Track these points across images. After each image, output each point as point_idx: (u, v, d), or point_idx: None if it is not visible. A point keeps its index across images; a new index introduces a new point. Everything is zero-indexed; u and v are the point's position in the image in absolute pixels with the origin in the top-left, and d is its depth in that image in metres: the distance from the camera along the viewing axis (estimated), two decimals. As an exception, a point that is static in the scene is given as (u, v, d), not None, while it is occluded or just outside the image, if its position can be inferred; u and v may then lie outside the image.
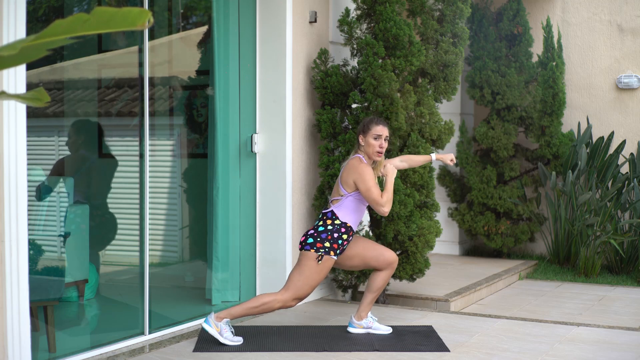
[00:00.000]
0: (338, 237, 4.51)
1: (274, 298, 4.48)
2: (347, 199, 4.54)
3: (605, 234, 7.24)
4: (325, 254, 4.48)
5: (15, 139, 3.57)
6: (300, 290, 4.49)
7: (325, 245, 4.48)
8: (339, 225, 4.51)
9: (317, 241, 4.49)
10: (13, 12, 3.50)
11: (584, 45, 8.20)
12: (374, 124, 4.59)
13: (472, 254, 8.55)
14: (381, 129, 4.58)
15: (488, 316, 5.48)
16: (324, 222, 4.53)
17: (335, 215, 4.53)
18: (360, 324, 4.80)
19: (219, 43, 5.43)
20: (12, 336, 3.56)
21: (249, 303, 4.49)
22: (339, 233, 4.51)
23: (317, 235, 4.50)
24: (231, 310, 4.50)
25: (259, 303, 4.47)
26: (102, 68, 6.19)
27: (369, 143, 4.58)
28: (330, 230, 4.50)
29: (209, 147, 5.59)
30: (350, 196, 4.53)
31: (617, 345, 4.68)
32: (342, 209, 4.54)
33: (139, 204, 4.93)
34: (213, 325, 4.44)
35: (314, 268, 4.47)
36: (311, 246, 4.48)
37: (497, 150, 7.88)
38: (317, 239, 4.49)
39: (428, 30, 5.86)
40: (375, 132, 4.56)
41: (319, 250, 4.47)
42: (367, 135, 4.58)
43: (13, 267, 3.56)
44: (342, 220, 4.52)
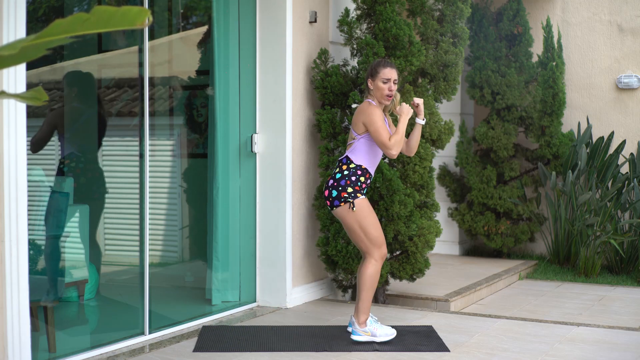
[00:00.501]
0: (356, 180, 4.49)
1: (370, 263, 4.51)
2: (358, 142, 4.53)
3: (605, 234, 7.24)
4: (353, 199, 4.47)
5: (15, 139, 3.57)
6: (372, 240, 4.51)
7: (349, 191, 4.47)
8: (354, 168, 4.51)
9: (339, 191, 4.48)
10: (13, 12, 3.50)
11: (584, 45, 8.21)
12: (381, 66, 4.57)
13: (472, 254, 8.55)
14: (389, 71, 4.55)
15: (488, 316, 5.48)
16: (340, 168, 4.54)
17: (350, 160, 4.53)
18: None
19: (219, 43, 5.43)
20: (12, 336, 3.56)
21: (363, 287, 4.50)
22: (356, 176, 4.50)
23: (337, 185, 4.49)
24: (361, 308, 4.52)
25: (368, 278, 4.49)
26: (102, 68, 6.19)
27: (378, 86, 4.56)
28: (347, 175, 4.49)
29: (209, 147, 5.59)
30: (361, 138, 4.52)
31: (617, 345, 4.68)
32: (356, 152, 4.54)
33: (139, 204, 4.93)
34: (363, 333, 4.52)
35: (356, 217, 4.48)
36: (339, 200, 4.47)
37: (497, 150, 7.88)
38: (338, 189, 4.48)
39: (428, 30, 5.86)
40: (384, 76, 4.54)
41: (346, 200, 4.46)
42: (375, 79, 4.56)
43: (13, 267, 3.56)
44: (356, 163, 4.52)
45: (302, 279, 5.79)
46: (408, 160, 5.64)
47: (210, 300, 5.52)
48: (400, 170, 5.64)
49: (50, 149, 5.66)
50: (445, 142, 5.85)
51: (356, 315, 4.56)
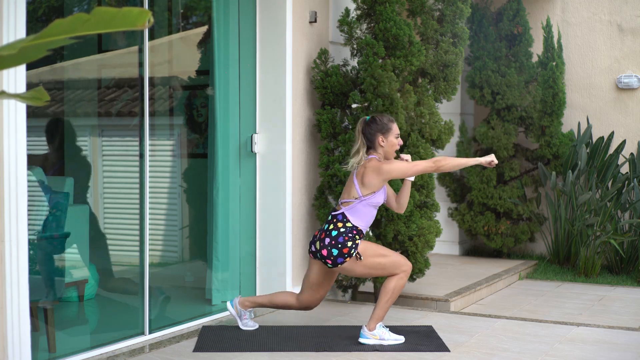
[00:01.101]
0: (352, 237, 4.43)
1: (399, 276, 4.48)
2: (360, 203, 4.43)
3: (605, 234, 7.24)
4: (355, 249, 4.41)
5: (15, 139, 3.57)
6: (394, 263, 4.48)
7: (349, 245, 4.40)
8: (351, 228, 4.42)
9: (340, 249, 4.40)
10: (13, 12, 3.50)
11: (584, 45, 8.21)
12: (391, 122, 4.52)
13: (472, 254, 8.55)
14: (397, 126, 4.56)
15: (488, 316, 5.48)
16: (335, 225, 4.43)
17: (347, 218, 4.43)
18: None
19: (219, 43, 5.43)
20: (12, 336, 3.56)
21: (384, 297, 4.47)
22: (352, 234, 4.42)
23: (336, 243, 4.39)
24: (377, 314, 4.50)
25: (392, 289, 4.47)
26: (102, 68, 6.19)
27: (391, 143, 4.49)
28: (343, 232, 4.40)
29: (209, 147, 5.59)
30: (364, 200, 4.43)
31: (617, 345, 4.68)
32: (354, 212, 4.44)
33: (139, 204, 4.93)
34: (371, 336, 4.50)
35: (364, 263, 4.44)
36: (343, 257, 4.40)
37: (497, 150, 7.88)
38: (338, 246, 4.40)
39: (428, 30, 5.86)
40: (396, 131, 4.52)
41: (350, 255, 4.40)
42: (389, 135, 4.48)
43: (13, 267, 3.56)
44: (353, 223, 4.43)
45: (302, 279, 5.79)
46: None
47: (210, 300, 5.52)
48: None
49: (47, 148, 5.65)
50: (445, 142, 5.84)
51: (369, 322, 4.53)
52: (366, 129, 4.50)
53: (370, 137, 4.49)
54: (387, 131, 4.49)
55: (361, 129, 4.53)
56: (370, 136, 4.49)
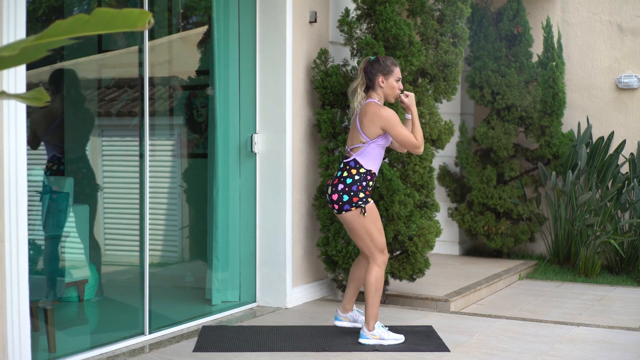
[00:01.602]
0: (367, 185, 4.46)
1: (374, 269, 4.49)
2: (369, 146, 4.45)
3: (605, 234, 7.24)
4: (364, 204, 4.43)
5: (15, 139, 3.57)
6: (378, 245, 4.49)
7: (360, 196, 4.43)
8: (365, 173, 4.45)
9: (352, 197, 4.43)
10: (13, 12, 3.50)
11: (584, 45, 8.21)
12: (395, 65, 4.53)
13: (472, 254, 8.55)
14: (399, 70, 4.56)
15: (488, 316, 5.48)
16: (349, 172, 4.46)
17: (359, 164, 4.46)
18: (347, 317, 4.79)
19: (219, 43, 5.43)
20: (12, 336, 3.56)
21: (369, 294, 4.48)
22: (367, 181, 4.46)
23: (349, 190, 4.42)
24: (370, 314, 4.51)
25: (374, 283, 4.48)
26: (102, 68, 6.19)
27: (391, 85, 4.51)
28: (358, 180, 4.43)
29: (209, 147, 5.59)
30: (372, 143, 4.45)
31: (617, 345, 4.68)
32: (365, 156, 4.46)
33: (139, 204, 4.93)
34: (371, 336, 4.50)
35: (365, 222, 4.45)
36: (350, 205, 4.42)
37: (497, 150, 7.88)
38: (350, 194, 4.43)
39: (428, 30, 5.86)
40: (397, 75, 4.53)
41: (358, 205, 4.43)
42: (389, 77, 4.50)
43: (13, 267, 3.56)
44: (366, 168, 4.46)
45: (302, 279, 5.80)
46: (408, 160, 5.64)
47: (210, 300, 5.52)
48: (400, 170, 5.64)
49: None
50: (445, 142, 5.84)
51: (366, 322, 4.55)
52: (368, 68, 4.54)
53: (371, 76, 4.53)
54: (389, 73, 4.51)
55: (364, 67, 4.56)
56: (371, 75, 4.53)
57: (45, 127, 5.26)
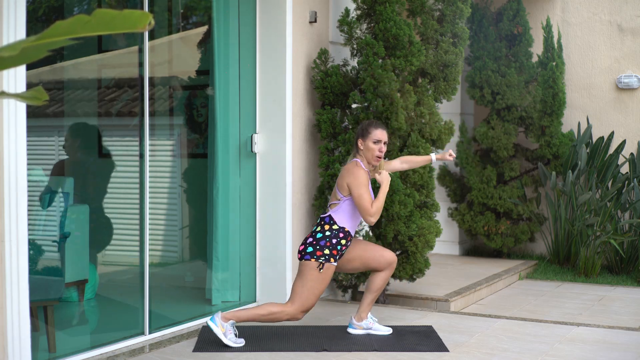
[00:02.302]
0: (337, 243, 4.48)
1: (281, 309, 4.47)
2: (344, 203, 4.51)
3: (605, 234, 7.24)
4: (325, 261, 4.45)
5: (15, 139, 3.57)
6: (306, 302, 4.48)
7: (325, 252, 4.45)
8: (337, 230, 4.49)
9: (316, 249, 4.45)
10: (13, 12, 3.50)
11: (584, 45, 8.21)
12: (373, 127, 4.56)
13: (472, 254, 8.55)
14: (380, 133, 4.55)
15: (488, 316, 5.48)
16: (322, 227, 4.50)
17: (333, 220, 4.50)
18: (360, 325, 4.79)
19: (219, 43, 5.43)
20: (12, 336, 3.56)
21: (257, 310, 4.47)
22: (338, 239, 4.48)
23: (316, 244, 4.47)
24: (238, 313, 4.49)
25: (267, 312, 4.46)
26: (102, 68, 6.19)
27: (368, 147, 4.55)
28: (328, 236, 4.47)
29: (209, 147, 5.59)
30: (347, 200, 4.50)
31: (617, 345, 4.68)
32: (340, 213, 4.51)
33: (139, 204, 4.93)
34: (219, 325, 4.43)
35: (315, 277, 4.45)
36: (311, 255, 4.45)
37: (497, 150, 7.89)
38: (316, 247, 4.46)
39: (428, 30, 5.86)
40: (375, 137, 4.54)
41: (319, 259, 4.44)
42: (366, 140, 4.55)
43: (13, 267, 3.56)
44: (339, 225, 4.49)
45: (302, 279, 5.79)
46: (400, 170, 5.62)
47: (210, 300, 5.52)
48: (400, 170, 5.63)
49: (50, 148, 5.66)
50: (445, 142, 5.84)
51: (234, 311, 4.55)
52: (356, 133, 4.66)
53: (354, 140, 4.65)
54: (366, 135, 4.56)
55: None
56: (354, 139, 4.66)
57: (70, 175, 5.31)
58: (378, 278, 4.70)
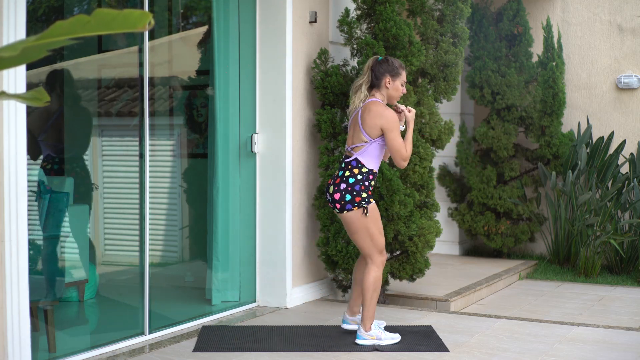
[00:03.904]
0: (369, 185, 4.46)
1: (373, 270, 4.48)
2: (371, 145, 4.44)
3: (605, 234, 7.24)
4: (367, 204, 4.44)
5: (15, 139, 3.57)
6: (378, 245, 4.48)
7: (363, 196, 4.42)
8: (367, 172, 4.44)
9: (354, 196, 4.42)
10: (13, 12, 3.50)
11: (584, 45, 8.21)
12: (402, 69, 4.55)
13: (472, 254, 8.55)
14: (405, 74, 4.59)
15: (488, 316, 5.48)
16: (351, 171, 4.44)
17: (361, 163, 4.44)
18: (355, 320, 4.80)
19: (219, 43, 5.43)
20: (12, 336, 3.56)
21: (367, 294, 4.46)
22: (369, 180, 4.45)
23: (351, 190, 4.41)
24: (366, 315, 4.49)
25: (371, 286, 4.47)
26: (102, 68, 6.19)
27: (396, 87, 4.51)
28: (360, 179, 4.42)
29: (209, 147, 5.59)
30: (374, 142, 4.44)
31: (617, 345, 4.68)
32: (367, 155, 4.45)
33: (139, 204, 4.93)
34: (368, 337, 4.49)
35: (367, 222, 4.44)
36: (352, 204, 4.42)
37: (497, 150, 7.89)
38: (353, 193, 4.42)
39: (428, 30, 5.86)
40: (404, 79, 4.55)
41: (360, 205, 4.42)
42: (396, 80, 4.51)
43: (13, 267, 3.56)
44: (368, 167, 4.45)
45: (302, 279, 5.80)
46: None
47: (210, 300, 5.52)
48: (400, 170, 5.64)
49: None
50: (445, 142, 5.85)
51: (362, 323, 4.53)
52: (376, 67, 4.52)
53: (378, 74, 4.51)
54: (396, 75, 4.52)
55: (371, 65, 4.54)
56: (378, 74, 4.51)
57: (41, 126, 5.26)
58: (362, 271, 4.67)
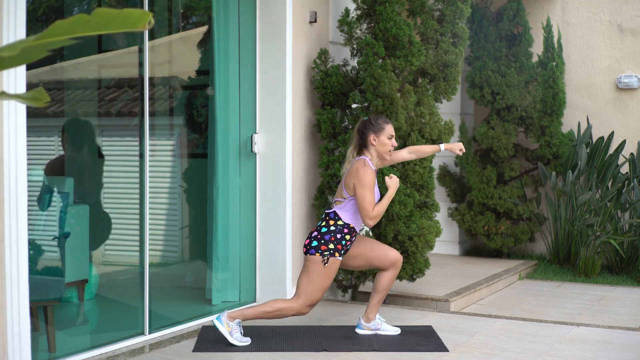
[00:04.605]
0: (341, 238, 4.50)
1: (287, 305, 4.49)
2: (349, 203, 4.54)
3: (605, 234, 7.24)
4: (330, 256, 4.48)
5: (15, 139, 3.57)
6: (312, 296, 4.50)
7: (330, 247, 4.48)
8: (342, 226, 4.51)
9: (321, 244, 4.48)
10: (13, 12, 3.50)
11: (584, 45, 8.20)
12: (385, 122, 4.60)
13: (472, 254, 8.55)
14: (391, 127, 4.62)
15: (488, 316, 5.48)
16: (327, 222, 4.53)
17: (338, 216, 4.53)
18: (368, 326, 4.78)
19: (219, 43, 5.43)
20: (12, 336, 3.56)
21: (263, 307, 4.49)
22: (342, 234, 4.51)
23: (320, 238, 4.49)
24: (244, 311, 4.50)
25: (273, 309, 4.48)
26: (102, 68, 6.19)
27: (383, 142, 4.58)
28: (333, 231, 4.50)
29: (209, 147, 5.59)
30: (352, 200, 4.52)
31: (617, 345, 4.68)
32: (345, 211, 4.54)
33: (139, 204, 4.93)
34: (225, 324, 4.44)
35: (321, 271, 4.47)
36: (316, 250, 4.48)
37: (497, 150, 7.89)
38: (320, 241, 4.49)
39: (428, 30, 5.86)
40: (389, 132, 4.59)
41: (323, 254, 4.47)
42: (380, 135, 4.57)
43: (13, 267, 3.56)
44: (344, 221, 4.52)
45: (302, 279, 5.79)
46: (408, 160, 5.64)
47: (210, 300, 5.52)
48: (400, 170, 5.64)
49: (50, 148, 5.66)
50: (445, 142, 5.84)
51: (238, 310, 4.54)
52: (361, 128, 4.64)
53: (363, 135, 4.62)
54: (379, 130, 4.58)
55: (358, 127, 4.67)
56: (363, 135, 4.62)
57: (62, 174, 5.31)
58: (383, 278, 4.69)
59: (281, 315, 4.51)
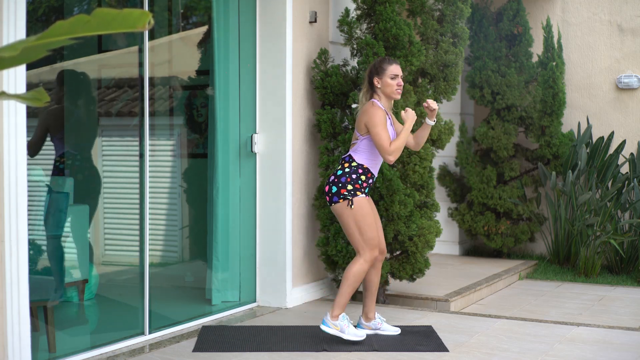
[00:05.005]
0: (357, 178, 4.50)
1: (358, 262, 4.50)
2: (361, 142, 4.54)
3: (605, 234, 7.24)
4: (352, 196, 4.47)
5: (15, 139, 3.57)
6: (368, 240, 4.50)
7: (349, 188, 4.47)
8: (356, 167, 4.51)
9: (339, 187, 4.48)
10: (13, 12, 3.50)
11: (584, 45, 8.21)
12: (386, 63, 4.58)
13: (472, 254, 8.55)
14: (395, 67, 4.58)
15: (488, 316, 5.48)
16: (342, 165, 4.55)
17: (352, 158, 4.54)
18: (369, 325, 4.79)
19: (219, 43, 5.43)
20: (12, 336, 3.56)
21: (344, 285, 4.49)
22: (357, 174, 4.50)
23: (337, 181, 4.49)
24: (338, 302, 4.51)
25: (353, 278, 4.49)
26: (102, 68, 6.19)
27: (387, 83, 4.56)
28: (348, 172, 4.50)
29: (209, 147, 5.60)
30: (364, 139, 4.52)
31: (617, 345, 4.68)
32: (358, 152, 4.54)
33: (139, 204, 4.93)
34: (332, 326, 4.49)
35: (353, 216, 4.47)
36: (337, 196, 4.48)
37: (497, 150, 7.89)
38: (338, 185, 4.49)
39: (428, 30, 5.86)
40: (391, 72, 4.56)
41: (345, 197, 4.47)
42: (383, 76, 4.55)
43: (13, 267, 3.56)
44: (358, 162, 4.52)
45: (302, 279, 5.80)
46: (408, 160, 5.64)
47: (210, 300, 5.52)
48: (400, 170, 5.64)
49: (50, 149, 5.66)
50: (445, 142, 5.85)
51: (332, 309, 4.54)
52: (367, 73, 4.65)
53: (368, 80, 4.63)
54: (381, 71, 4.57)
55: (366, 72, 4.68)
56: (368, 79, 4.63)
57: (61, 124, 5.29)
58: (372, 275, 4.72)
59: (363, 274, 4.52)
